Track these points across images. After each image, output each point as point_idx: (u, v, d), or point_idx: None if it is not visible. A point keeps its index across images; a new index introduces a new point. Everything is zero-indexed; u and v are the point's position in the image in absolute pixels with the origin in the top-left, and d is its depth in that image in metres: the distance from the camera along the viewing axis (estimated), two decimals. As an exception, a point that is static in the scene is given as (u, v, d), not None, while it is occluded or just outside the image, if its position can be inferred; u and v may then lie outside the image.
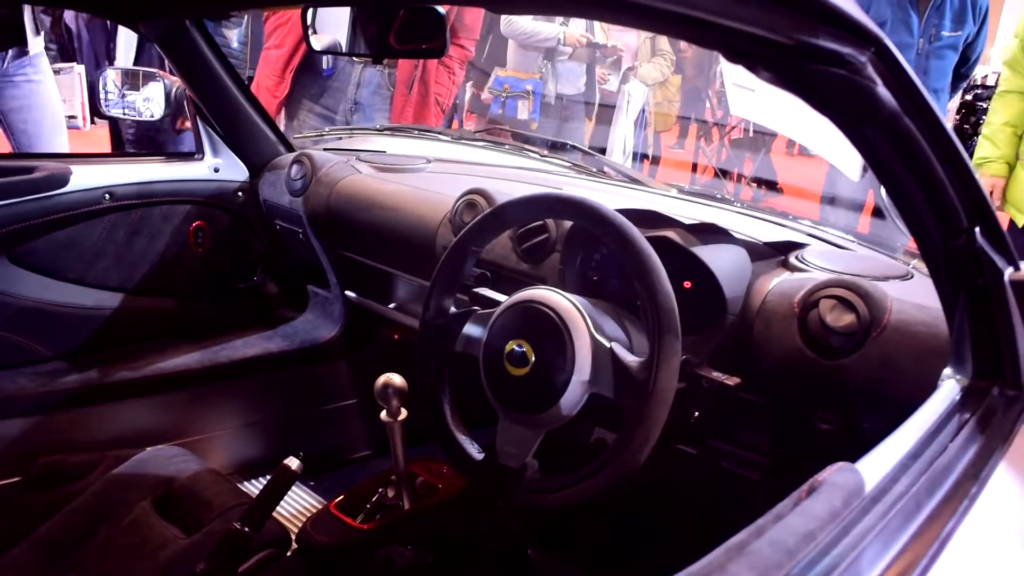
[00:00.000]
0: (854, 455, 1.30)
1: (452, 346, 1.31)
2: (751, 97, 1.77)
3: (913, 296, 1.24)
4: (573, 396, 1.14)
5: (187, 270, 2.11)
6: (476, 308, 1.32)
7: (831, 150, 1.70)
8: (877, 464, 0.74)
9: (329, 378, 2.22)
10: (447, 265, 1.32)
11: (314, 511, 1.69)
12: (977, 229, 0.87)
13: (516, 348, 1.17)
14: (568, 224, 1.50)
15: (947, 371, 0.99)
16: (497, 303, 1.28)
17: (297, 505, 2.04)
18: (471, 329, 1.29)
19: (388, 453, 1.54)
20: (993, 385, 0.94)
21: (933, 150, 0.82)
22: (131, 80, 2.23)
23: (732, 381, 1.21)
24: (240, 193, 2.17)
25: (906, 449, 0.78)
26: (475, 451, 1.27)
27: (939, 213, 0.87)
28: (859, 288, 1.21)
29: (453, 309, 1.34)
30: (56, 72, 3.65)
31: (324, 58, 3.43)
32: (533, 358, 1.16)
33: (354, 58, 3.40)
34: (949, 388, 0.95)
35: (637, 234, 1.14)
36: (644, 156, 5.15)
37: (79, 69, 3.85)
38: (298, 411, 2.19)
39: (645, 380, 1.09)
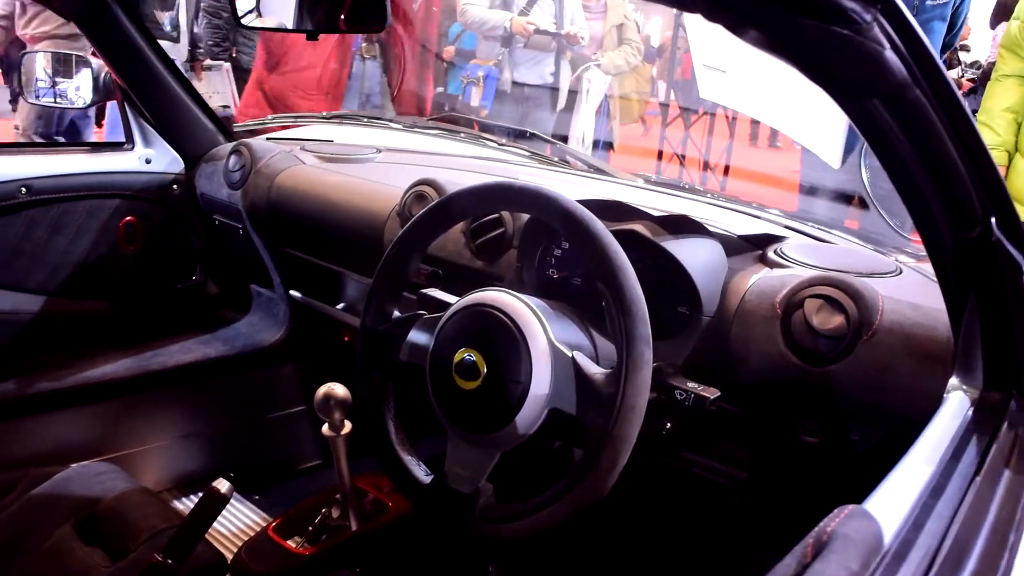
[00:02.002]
0: (843, 470, 1.19)
1: (396, 355, 1.17)
2: (721, 79, 1.65)
3: (905, 294, 1.13)
4: (530, 413, 1.01)
5: (117, 270, 1.97)
6: (422, 312, 1.18)
7: (809, 135, 1.58)
8: (893, 505, 0.61)
9: (274, 384, 2.08)
10: (389, 264, 1.18)
11: (256, 531, 1.58)
12: (993, 220, 0.75)
13: (466, 358, 1.03)
14: (525, 217, 1.37)
15: (953, 381, 0.87)
16: (447, 305, 1.14)
17: (239, 524, 1.90)
18: (416, 336, 1.15)
19: None
20: (1009, 398, 0.82)
21: (945, 127, 0.70)
22: (63, 67, 2.08)
23: (711, 393, 1.08)
24: (175, 186, 2.02)
25: (922, 483, 0.66)
26: (422, 474, 1.14)
27: (949, 201, 0.75)
28: (848, 286, 1.09)
29: (397, 313, 1.19)
30: (207, 68, 4.26)
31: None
32: (485, 369, 1.02)
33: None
34: (958, 402, 0.83)
35: (600, 227, 1.00)
36: (609, 145, 5.04)
37: (227, 66, 4.41)
38: (240, 420, 2.05)
39: (612, 395, 0.95)
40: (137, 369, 1.86)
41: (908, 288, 1.17)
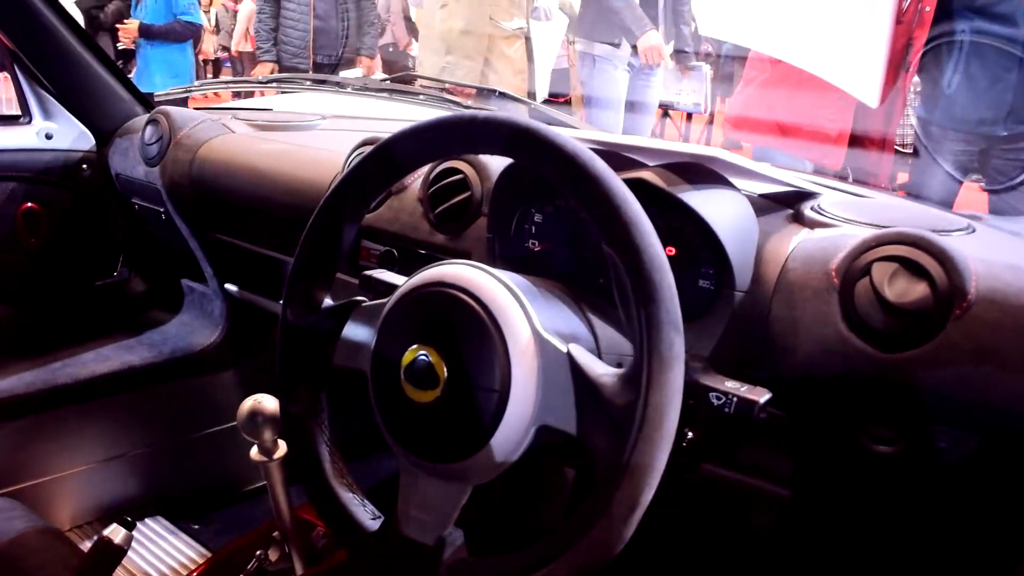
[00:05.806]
0: (926, 487, 0.92)
1: (329, 357, 0.88)
2: (726, 10, 1.37)
3: (992, 255, 0.86)
4: (512, 433, 0.71)
5: (16, 266, 1.70)
6: (362, 299, 0.89)
7: (840, 71, 1.30)
8: None
9: (211, 393, 1.82)
10: (314, 236, 0.89)
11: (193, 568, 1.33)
12: None
13: (420, 358, 0.74)
14: (495, 174, 1.08)
15: None
16: (396, 289, 0.84)
17: (174, 560, 1.63)
18: (354, 330, 0.86)
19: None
20: None
21: None
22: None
23: (759, 395, 0.80)
24: (85, 166, 1.75)
25: None
26: (366, 517, 0.85)
27: None
28: (931, 244, 0.81)
29: (328, 302, 0.90)
30: (691, 68, 4.57)
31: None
32: (445, 373, 0.73)
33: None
34: None
35: (606, 170, 0.72)
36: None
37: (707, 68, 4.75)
38: (171, 438, 1.78)
39: (628, 406, 0.67)
40: (42, 383, 1.60)
41: (993, 248, 0.90)
